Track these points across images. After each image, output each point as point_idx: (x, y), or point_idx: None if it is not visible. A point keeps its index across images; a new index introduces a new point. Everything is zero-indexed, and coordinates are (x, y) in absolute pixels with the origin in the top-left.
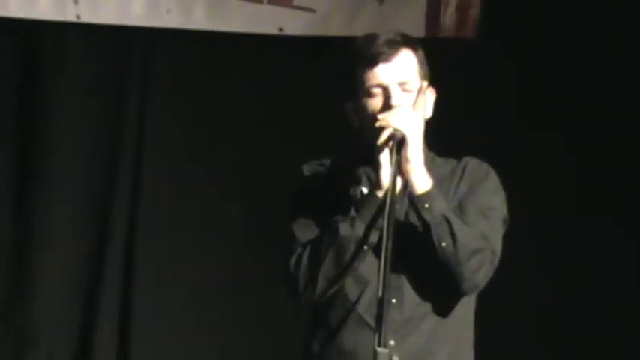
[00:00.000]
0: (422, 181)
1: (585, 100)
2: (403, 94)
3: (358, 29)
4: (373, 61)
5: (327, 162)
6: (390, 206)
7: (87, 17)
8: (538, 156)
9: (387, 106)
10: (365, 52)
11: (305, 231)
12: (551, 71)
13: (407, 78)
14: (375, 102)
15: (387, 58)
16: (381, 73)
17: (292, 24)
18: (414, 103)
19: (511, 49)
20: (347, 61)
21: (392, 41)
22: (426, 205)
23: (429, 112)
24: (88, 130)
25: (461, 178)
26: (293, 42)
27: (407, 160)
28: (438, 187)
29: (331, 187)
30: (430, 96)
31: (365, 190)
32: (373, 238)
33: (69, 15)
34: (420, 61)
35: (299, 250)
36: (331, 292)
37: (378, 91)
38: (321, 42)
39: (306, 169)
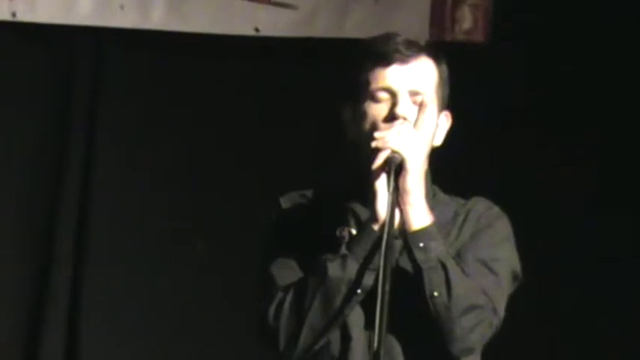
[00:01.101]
0: (419, 216)
1: (610, 106)
2: (412, 106)
3: (349, 30)
4: (386, 60)
5: (309, 193)
6: (386, 242)
7: (23, 15)
8: (556, 171)
9: (390, 116)
10: (377, 49)
11: (285, 272)
12: (571, 79)
13: (422, 88)
14: (379, 109)
15: (403, 59)
16: (392, 76)
17: (270, 23)
18: (417, 120)
19: (523, 54)
20: (352, 57)
21: (413, 43)
22: (421, 245)
23: (438, 139)
24: (23, 145)
25: (464, 221)
26: (271, 44)
27: (404, 190)
28: (438, 228)
29: (315, 222)
30: (444, 122)
31: (354, 232)
32: (368, 280)
33: (2, 13)
34: (441, 77)
35: (279, 296)
36: (318, 346)
37: (384, 96)
38: (304, 45)
39: (285, 201)
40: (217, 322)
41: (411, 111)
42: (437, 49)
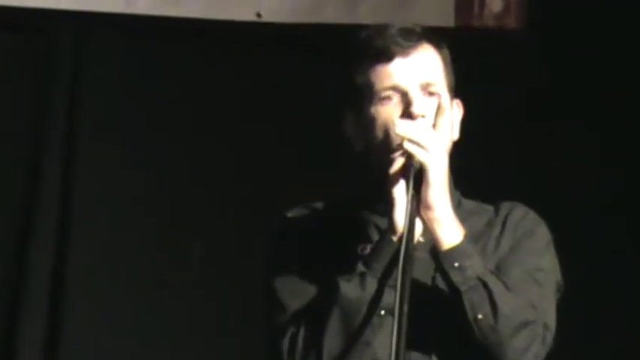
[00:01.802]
0: (449, 233)
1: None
2: (427, 100)
3: (362, 16)
4: (386, 56)
5: (319, 205)
6: (405, 256)
7: None
8: (591, 165)
9: (406, 116)
10: (374, 45)
11: (295, 296)
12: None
13: (432, 78)
14: (388, 112)
15: (404, 51)
16: (398, 72)
17: (274, 8)
18: (436, 122)
19: (559, 41)
20: (348, 58)
21: (409, 31)
22: (456, 264)
23: (455, 132)
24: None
25: (502, 231)
26: (274, 31)
27: (428, 206)
28: (472, 241)
29: (326, 240)
30: (457, 112)
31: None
32: (390, 298)
33: None
34: (445, 63)
35: (291, 327)
36: None
37: (393, 96)
38: (310, 32)
39: (291, 216)
40: (209, 327)
41: (428, 106)
42: (433, 33)
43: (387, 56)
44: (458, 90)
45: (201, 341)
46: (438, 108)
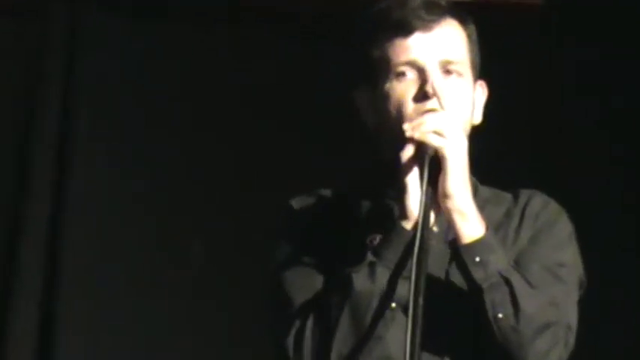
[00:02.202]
0: (471, 225)
1: None
2: (446, 80)
3: None
4: (405, 28)
5: (326, 193)
6: (420, 246)
7: None
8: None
9: (421, 94)
10: (393, 17)
11: (302, 288)
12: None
13: (453, 56)
14: (405, 88)
15: (425, 25)
16: (416, 46)
17: None
18: (454, 104)
19: (584, 20)
20: (362, 29)
21: (432, 4)
22: (477, 259)
23: (477, 117)
24: None
25: (521, 222)
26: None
27: (446, 195)
28: (494, 234)
29: (334, 229)
30: (480, 94)
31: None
32: (403, 290)
33: None
34: (470, 40)
35: (298, 321)
36: None
37: (409, 72)
38: (300, 15)
39: (297, 205)
40: (212, 326)
41: (445, 86)
42: (459, 8)
43: (406, 29)
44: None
45: (200, 339)
46: (458, 88)
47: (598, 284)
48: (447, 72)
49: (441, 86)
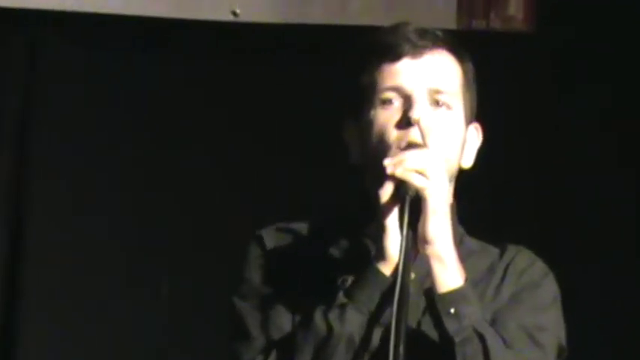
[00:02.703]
0: (449, 274)
1: None
2: (434, 110)
3: (352, 16)
4: (394, 53)
5: (301, 225)
6: (400, 294)
7: None
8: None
9: (404, 122)
10: (383, 42)
11: (266, 328)
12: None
13: (443, 86)
14: (388, 116)
15: (416, 50)
16: (404, 72)
17: (252, 6)
18: (438, 140)
19: (575, 44)
20: (352, 56)
21: (427, 32)
22: (452, 310)
23: (467, 160)
24: None
25: (503, 278)
26: (253, 32)
27: (425, 239)
28: (472, 287)
29: (305, 264)
30: (474, 136)
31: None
32: (375, 337)
33: None
34: (465, 78)
35: (258, 359)
36: None
37: (395, 98)
38: (295, 34)
39: (267, 236)
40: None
41: (432, 116)
42: (459, 43)
43: (394, 54)
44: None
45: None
46: (446, 121)
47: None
48: (436, 102)
49: (427, 115)
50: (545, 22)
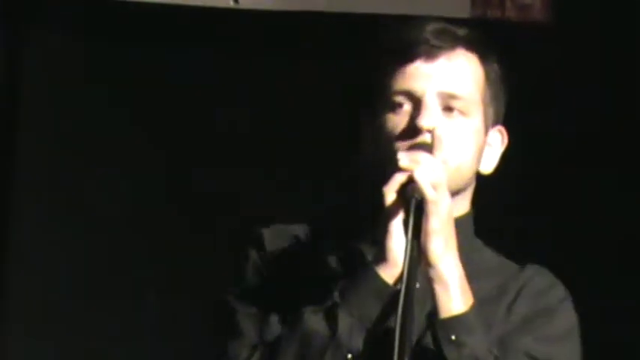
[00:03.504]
0: (452, 297)
1: None
2: (445, 117)
3: (359, 4)
4: (407, 54)
5: (301, 228)
6: (405, 299)
7: None
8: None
9: (411, 129)
10: (398, 40)
11: (257, 326)
12: None
13: (457, 90)
14: (398, 121)
15: (430, 52)
16: (415, 75)
17: None
18: (454, 145)
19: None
20: (371, 50)
21: (447, 31)
22: (453, 337)
23: (487, 164)
24: None
25: (516, 297)
26: (254, 19)
27: (427, 262)
28: (479, 308)
29: (301, 265)
30: (497, 141)
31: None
32: (360, 342)
33: None
34: (489, 79)
35: (243, 355)
36: None
37: (406, 103)
38: (298, 22)
39: (268, 237)
40: None
41: (441, 122)
42: (484, 41)
43: (408, 55)
44: None
45: None
46: (458, 129)
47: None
48: (449, 109)
49: (435, 122)
50: (563, 12)
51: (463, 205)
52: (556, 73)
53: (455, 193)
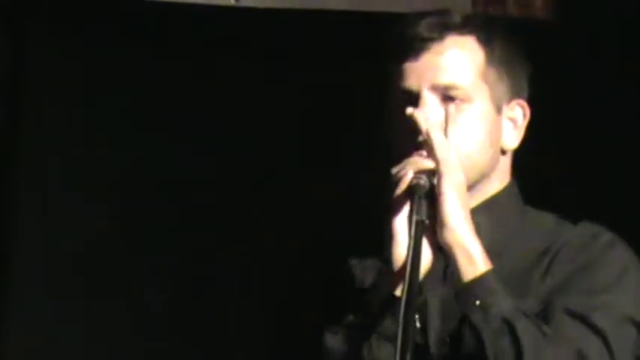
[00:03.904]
0: (468, 260)
1: None
2: (440, 108)
3: (357, 2)
4: (401, 54)
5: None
6: (406, 303)
7: None
8: None
9: (412, 131)
10: (394, 39)
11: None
12: None
13: (454, 79)
14: (402, 122)
15: (421, 47)
16: (409, 71)
17: None
18: (460, 131)
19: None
20: (371, 50)
21: (436, 23)
22: (477, 302)
23: (510, 140)
24: None
25: (555, 256)
26: (255, 17)
27: (443, 224)
28: (507, 274)
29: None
30: (519, 114)
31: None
32: (379, 352)
33: None
34: (492, 57)
35: None
36: None
37: (406, 101)
38: (303, 20)
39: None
40: None
41: (439, 115)
42: (484, 22)
43: (401, 54)
44: None
45: None
46: (461, 115)
47: None
48: (448, 98)
49: (433, 116)
50: (565, 9)
51: (496, 184)
52: (558, 70)
53: (476, 182)
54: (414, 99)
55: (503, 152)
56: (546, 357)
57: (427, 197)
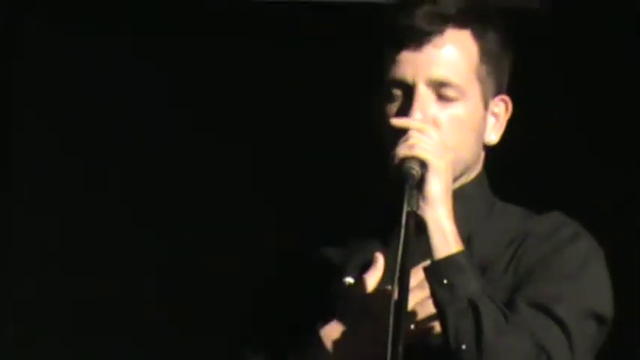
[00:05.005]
0: (442, 240)
1: None
2: (435, 104)
3: None
4: (397, 42)
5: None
6: (400, 299)
7: None
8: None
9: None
10: (392, 26)
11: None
12: None
13: (450, 77)
14: (392, 110)
15: (419, 39)
16: (404, 64)
17: None
18: (451, 129)
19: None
20: (369, 39)
21: (434, 14)
22: (445, 281)
23: (492, 135)
24: None
25: (519, 246)
26: (271, 12)
27: (425, 200)
28: (475, 257)
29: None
30: (502, 110)
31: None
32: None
33: None
34: (485, 52)
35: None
36: None
37: (398, 93)
38: (314, 12)
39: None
40: None
41: (433, 110)
42: (479, 14)
43: (399, 43)
44: None
45: None
46: (453, 114)
47: None
48: (442, 96)
49: (427, 111)
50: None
51: (471, 176)
52: (548, 60)
53: (461, 175)
54: (408, 90)
55: (483, 146)
56: (505, 343)
57: (418, 188)
